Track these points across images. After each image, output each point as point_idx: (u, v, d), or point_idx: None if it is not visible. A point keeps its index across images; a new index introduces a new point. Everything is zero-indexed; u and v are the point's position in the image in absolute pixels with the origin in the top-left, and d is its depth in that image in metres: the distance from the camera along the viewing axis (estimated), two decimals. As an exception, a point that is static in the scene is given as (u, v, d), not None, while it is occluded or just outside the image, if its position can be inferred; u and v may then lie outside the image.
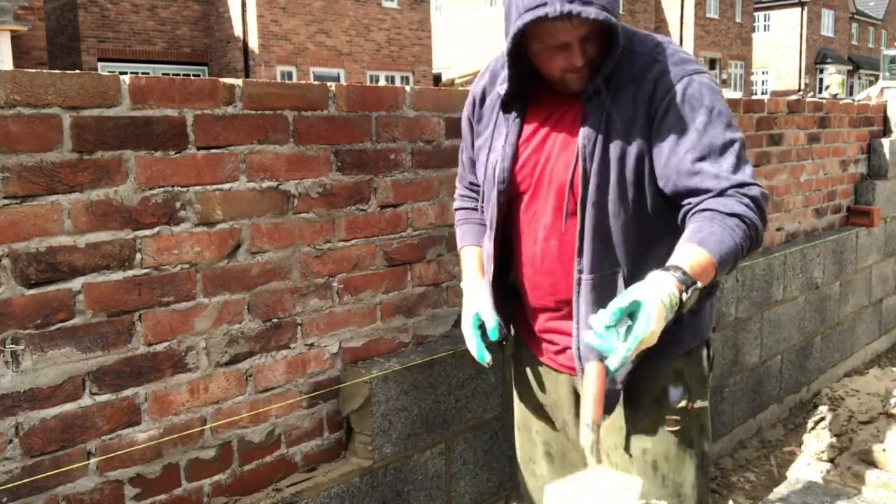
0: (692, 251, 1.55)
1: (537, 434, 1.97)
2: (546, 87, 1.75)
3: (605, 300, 1.59)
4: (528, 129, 1.78)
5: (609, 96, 1.67)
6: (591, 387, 1.60)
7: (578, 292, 1.71)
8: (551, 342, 1.86)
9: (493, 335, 1.82)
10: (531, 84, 1.76)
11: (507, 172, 1.77)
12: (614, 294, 1.64)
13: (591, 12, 1.51)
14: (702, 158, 1.63)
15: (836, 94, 25.08)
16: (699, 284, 1.51)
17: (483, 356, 1.83)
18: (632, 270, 1.69)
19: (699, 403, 1.82)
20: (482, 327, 1.85)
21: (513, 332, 2.01)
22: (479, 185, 1.95)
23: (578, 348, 1.72)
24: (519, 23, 1.56)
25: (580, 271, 1.70)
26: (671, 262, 1.55)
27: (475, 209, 2.03)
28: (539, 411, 1.97)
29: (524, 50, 1.67)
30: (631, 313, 1.46)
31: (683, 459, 1.81)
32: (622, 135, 1.67)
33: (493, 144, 1.83)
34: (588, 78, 1.66)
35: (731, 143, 1.65)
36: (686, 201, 1.66)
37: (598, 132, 1.67)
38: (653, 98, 1.66)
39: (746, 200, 1.60)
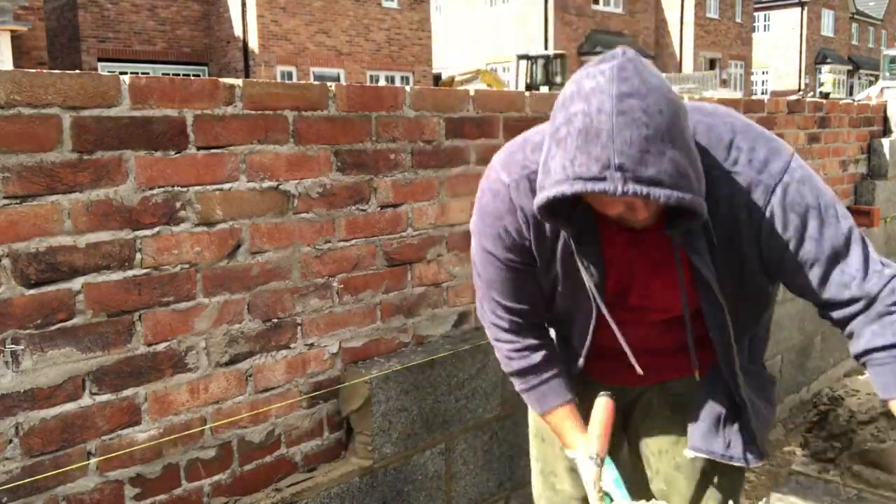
0: None
1: (562, 447, 1.77)
2: None
3: (759, 389, 1.71)
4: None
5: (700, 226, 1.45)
6: (598, 421, 1.58)
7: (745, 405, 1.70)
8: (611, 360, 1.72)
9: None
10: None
11: (602, 300, 1.54)
12: (763, 382, 1.73)
13: (661, 195, 1.23)
14: (829, 269, 1.46)
15: (827, 94, 25.32)
16: None
17: None
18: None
19: None
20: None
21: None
22: (541, 312, 1.68)
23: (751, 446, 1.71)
24: (566, 188, 1.26)
25: (739, 389, 1.68)
26: None
27: (548, 361, 1.68)
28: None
29: None
30: None
31: (733, 467, 1.74)
32: (732, 265, 1.49)
33: (566, 269, 1.56)
34: (652, 215, 1.40)
35: (849, 233, 1.46)
36: (824, 309, 1.54)
37: (708, 266, 1.47)
38: (750, 222, 1.45)
39: None
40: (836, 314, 1.50)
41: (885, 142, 5.16)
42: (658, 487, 1.79)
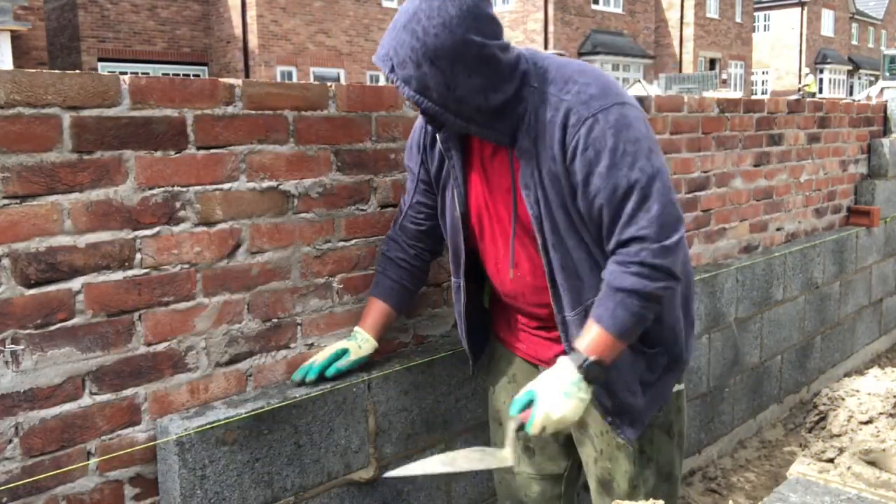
0: (590, 329, 1.69)
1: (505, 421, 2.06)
2: None
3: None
4: (467, 168, 1.87)
5: (531, 142, 1.70)
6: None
7: (567, 331, 1.82)
8: (523, 331, 2.04)
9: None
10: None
11: (465, 215, 1.89)
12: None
13: (405, 92, 1.64)
14: (603, 206, 1.67)
15: (813, 94, 25.72)
16: (592, 358, 1.65)
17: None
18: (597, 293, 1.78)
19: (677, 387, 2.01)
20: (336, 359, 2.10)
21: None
22: (419, 227, 2.10)
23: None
24: (374, 59, 1.69)
25: (560, 310, 1.81)
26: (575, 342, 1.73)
27: (395, 263, 2.14)
28: (508, 400, 2.05)
29: None
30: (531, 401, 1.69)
31: (666, 441, 2.00)
32: (552, 183, 1.71)
33: (442, 191, 1.95)
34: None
35: (634, 184, 1.63)
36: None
37: (534, 181, 1.72)
38: (564, 145, 1.67)
39: (634, 269, 1.64)
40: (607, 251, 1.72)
41: (885, 142, 5.17)
42: (603, 465, 1.99)
